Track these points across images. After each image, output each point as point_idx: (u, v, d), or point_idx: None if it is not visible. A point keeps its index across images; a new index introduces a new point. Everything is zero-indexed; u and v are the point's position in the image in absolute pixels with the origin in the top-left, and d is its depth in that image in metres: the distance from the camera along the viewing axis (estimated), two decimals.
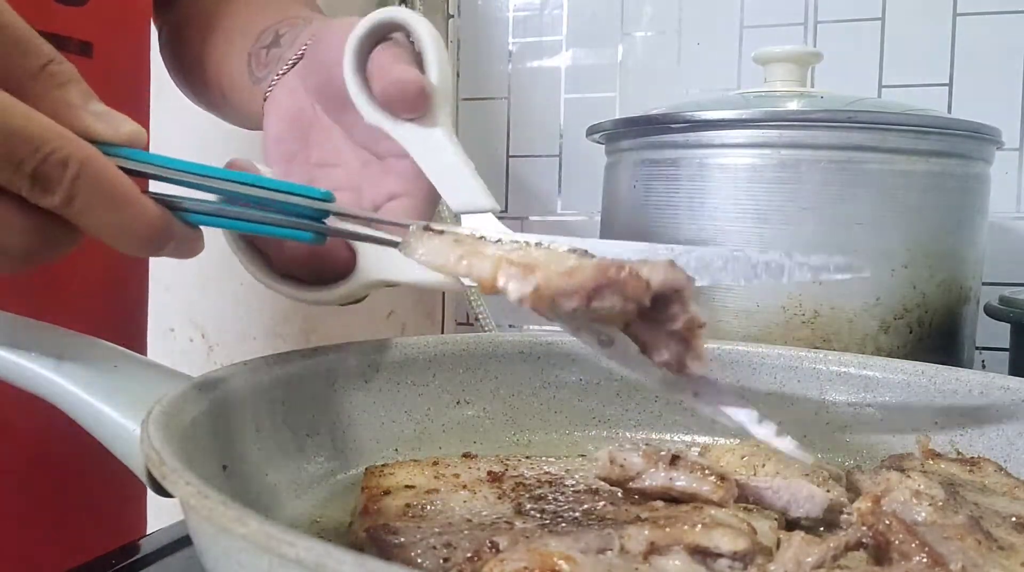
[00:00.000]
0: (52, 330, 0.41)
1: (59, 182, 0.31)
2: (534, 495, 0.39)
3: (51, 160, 0.30)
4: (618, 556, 0.30)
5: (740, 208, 0.65)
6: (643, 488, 0.36)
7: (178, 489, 0.27)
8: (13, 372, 0.39)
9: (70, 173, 0.31)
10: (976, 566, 0.30)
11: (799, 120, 0.65)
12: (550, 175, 1.08)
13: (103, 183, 0.32)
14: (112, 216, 0.32)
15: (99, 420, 0.37)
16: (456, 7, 1.11)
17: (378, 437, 0.49)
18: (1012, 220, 0.91)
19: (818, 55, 0.75)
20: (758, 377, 0.54)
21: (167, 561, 0.44)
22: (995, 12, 0.91)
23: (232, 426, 0.39)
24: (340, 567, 0.21)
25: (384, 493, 0.39)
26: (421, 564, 0.31)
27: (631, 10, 1.04)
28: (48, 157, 0.30)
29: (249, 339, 1.17)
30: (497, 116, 1.10)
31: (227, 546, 0.26)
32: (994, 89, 0.91)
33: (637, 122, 0.73)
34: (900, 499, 0.36)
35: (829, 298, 0.64)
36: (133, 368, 0.39)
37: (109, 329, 0.48)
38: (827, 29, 0.97)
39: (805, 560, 0.31)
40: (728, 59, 1.00)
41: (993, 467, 0.44)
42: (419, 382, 0.52)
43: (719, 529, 0.31)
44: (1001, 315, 0.69)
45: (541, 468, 0.43)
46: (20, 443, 0.51)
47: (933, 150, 0.65)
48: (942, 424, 0.49)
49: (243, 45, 0.56)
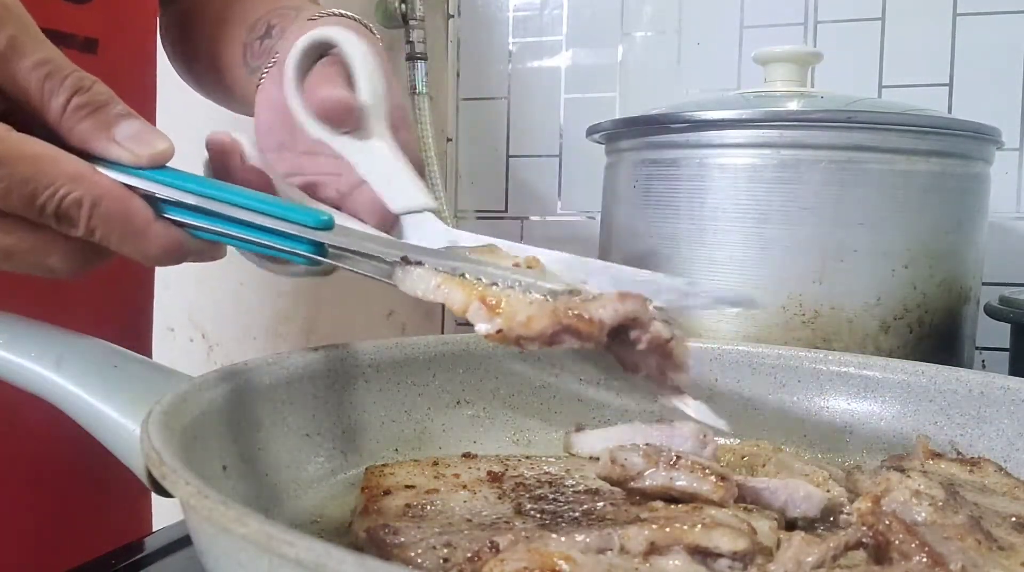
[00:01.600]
0: (52, 330, 0.41)
1: (78, 218, 0.35)
2: (534, 495, 0.39)
3: (67, 201, 0.35)
4: (618, 556, 0.30)
5: (740, 208, 0.65)
6: (644, 488, 0.36)
7: (178, 489, 0.27)
8: (13, 372, 0.39)
9: (84, 211, 0.35)
10: (976, 566, 0.30)
11: (799, 120, 0.65)
12: (550, 175, 1.08)
13: (115, 217, 0.36)
14: (128, 241, 0.37)
15: (99, 420, 0.37)
16: (456, 7, 1.11)
17: (378, 437, 0.49)
18: (1012, 220, 0.91)
19: (818, 55, 0.75)
20: (758, 377, 0.54)
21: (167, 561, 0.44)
22: (995, 12, 0.91)
23: (232, 426, 0.39)
24: (340, 567, 0.21)
25: (384, 493, 0.39)
26: (421, 564, 0.31)
27: (631, 10, 1.04)
28: (64, 199, 0.35)
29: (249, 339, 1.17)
30: (497, 116, 1.10)
31: (227, 546, 0.26)
32: (994, 89, 0.91)
33: (637, 122, 0.73)
34: (900, 499, 0.36)
35: (829, 298, 0.64)
36: (133, 368, 0.39)
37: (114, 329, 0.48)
38: (827, 29, 0.97)
39: (805, 560, 0.30)
40: (728, 59, 1.00)
41: (993, 467, 0.44)
42: (419, 382, 0.52)
43: (719, 529, 0.31)
44: (1001, 315, 0.69)
45: (541, 468, 0.43)
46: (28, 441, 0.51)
47: (933, 150, 0.65)
48: (942, 424, 0.49)
49: (239, 35, 0.57)
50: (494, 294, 0.35)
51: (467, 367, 0.53)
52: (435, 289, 0.36)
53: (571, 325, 0.33)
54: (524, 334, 0.33)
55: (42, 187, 0.34)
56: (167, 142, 0.38)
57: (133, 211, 0.36)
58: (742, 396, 0.54)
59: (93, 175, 0.36)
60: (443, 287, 0.35)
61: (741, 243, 0.65)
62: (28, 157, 0.34)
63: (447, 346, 0.53)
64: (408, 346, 0.52)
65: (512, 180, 1.10)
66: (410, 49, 1.03)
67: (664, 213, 0.69)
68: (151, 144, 0.37)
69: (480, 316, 0.34)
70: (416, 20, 1.03)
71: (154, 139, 0.37)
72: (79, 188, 0.35)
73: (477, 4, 1.10)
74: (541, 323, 0.33)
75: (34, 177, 0.34)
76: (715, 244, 0.66)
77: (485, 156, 1.10)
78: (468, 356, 0.53)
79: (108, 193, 0.36)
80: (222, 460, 0.37)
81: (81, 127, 0.36)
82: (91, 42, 0.51)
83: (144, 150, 0.37)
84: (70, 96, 0.36)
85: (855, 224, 0.64)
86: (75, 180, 0.35)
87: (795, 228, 0.64)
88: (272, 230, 0.37)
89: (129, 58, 0.56)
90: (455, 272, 0.36)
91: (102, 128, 0.36)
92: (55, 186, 0.34)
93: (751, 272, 0.65)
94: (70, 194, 0.35)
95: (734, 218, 0.65)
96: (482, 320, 0.34)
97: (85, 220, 0.35)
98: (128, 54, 0.56)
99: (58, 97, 0.35)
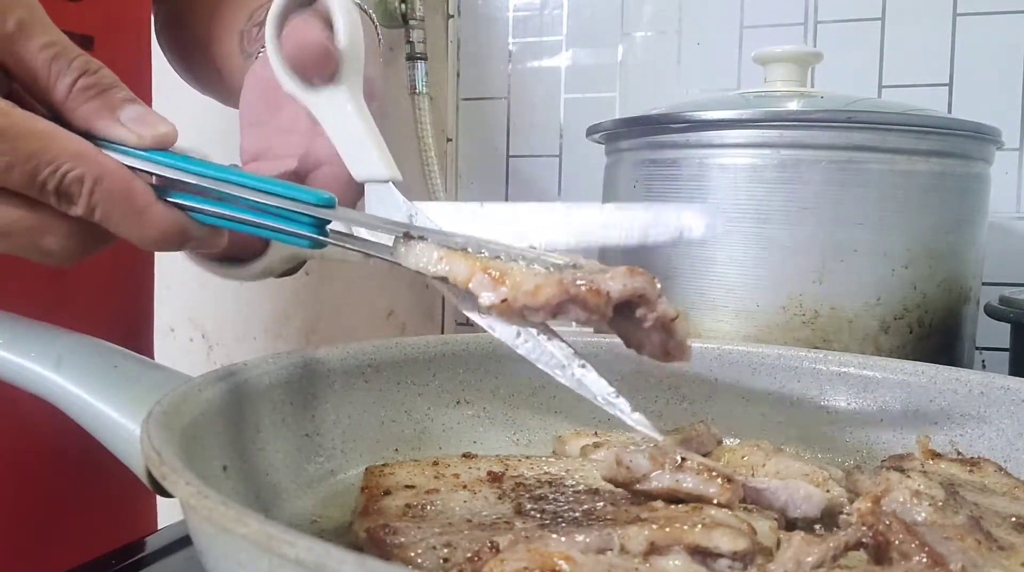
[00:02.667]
0: (52, 330, 0.41)
1: (79, 195, 0.35)
2: (534, 495, 0.39)
3: (69, 178, 0.35)
4: (618, 556, 0.30)
5: (740, 208, 0.65)
6: (649, 489, 0.36)
7: (178, 489, 0.27)
8: (13, 372, 0.39)
9: (86, 188, 0.35)
10: (976, 566, 0.30)
11: (799, 120, 0.65)
12: (550, 175, 1.08)
13: (117, 195, 0.36)
14: (129, 221, 0.36)
15: (99, 420, 0.37)
16: (456, 7, 1.11)
17: (378, 437, 0.49)
18: (1012, 220, 0.91)
19: (818, 55, 0.75)
20: (758, 377, 0.54)
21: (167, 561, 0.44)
22: (995, 12, 0.91)
23: (232, 426, 0.39)
24: (340, 567, 0.21)
25: (384, 493, 0.39)
26: (421, 564, 0.31)
27: (631, 10, 1.04)
28: (66, 175, 0.35)
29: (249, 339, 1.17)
30: (497, 116, 1.10)
31: (227, 546, 0.26)
32: (994, 89, 0.91)
33: (637, 122, 0.73)
34: (900, 499, 0.36)
35: (829, 298, 0.64)
36: (133, 368, 0.39)
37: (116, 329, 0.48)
38: (827, 29, 0.97)
39: (805, 560, 0.30)
40: (728, 59, 1.00)
41: (993, 467, 0.44)
42: (419, 382, 0.52)
43: (719, 529, 0.31)
44: (1001, 315, 0.69)
45: (541, 468, 0.43)
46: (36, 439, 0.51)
47: (933, 150, 0.65)
48: (942, 424, 0.49)
49: (236, 24, 0.58)
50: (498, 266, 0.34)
51: (467, 367, 0.53)
52: (437, 261, 0.35)
53: (578, 295, 0.33)
54: (529, 304, 0.33)
55: (44, 163, 0.34)
56: (170, 125, 0.38)
57: (135, 190, 0.36)
58: (742, 396, 0.54)
59: (96, 154, 0.36)
60: (445, 260, 0.35)
61: (741, 243, 0.65)
62: (32, 133, 0.34)
63: (447, 346, 0.53)
64: (408, 346, 0.52)
65: (512, 180, 1.10)
66: (410, 49, 1.03)
67: None
68: (154, 126, 0.37)
69: (485, 285, 0.34)
70: (416, 20, 1.03)
71: (157, 122, 0.37)
72: (82, 165, 0.35)
73: (477, 4, 1.10)
74: (548, 292, 0.33)
75: (37, 153, 0.34)
76: (715, 244, 0.66)
77: (485, 156, 1.10)
78: (468, 356, 0.53)
79: (111, 172, 0.36)
80: (222, 460, 0.37)
81: (86, 107, 0.36)
82: (87, 40, 0.52)
83: (148, 131, 0.37)
84: (77, 77, 0.36)
85: (855, 224, 0.64)
86: (78, 157, 0.35)
87: (795, 228, 0.64)
88: (274, 211, 0.37)
89: (125, 55, 0.56)
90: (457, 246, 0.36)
91: (107, 109, 0.37)
92: (58, 162, 0.34)
93: (751, 272, 0.65)
94: (72, 171, 0.35)
95: (734, 218, 0.65)
96: (487, 289, 0.33)
97: (87, 198, 0.35)
98: (124, 51, 0.56)
99: (65, 78, 0.36)
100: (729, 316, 0.65)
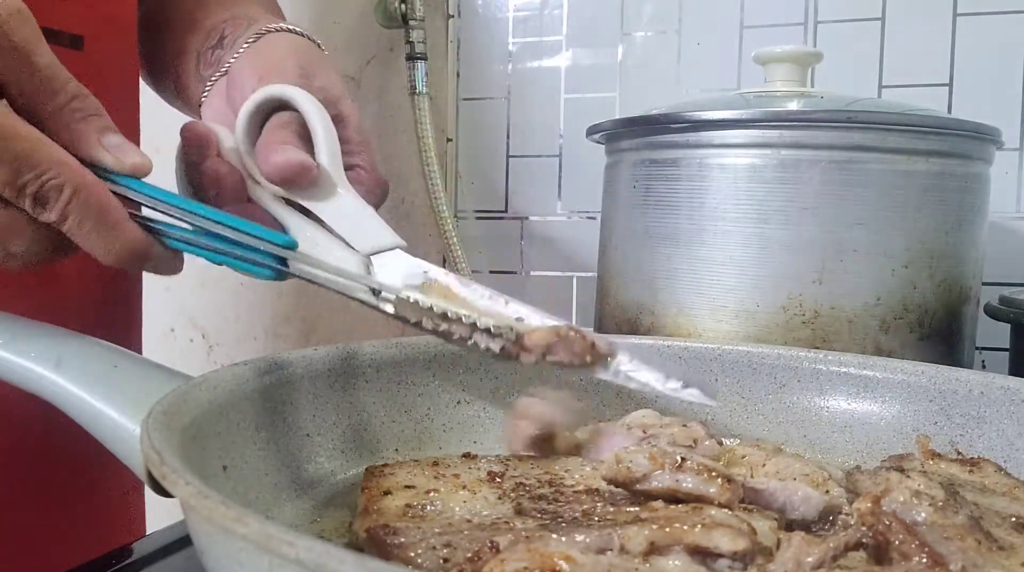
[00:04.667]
0: (52, 330, 0.41)
1: (55, 202, 0.36)
2: (534, 495, 0.39)
3: (49, 184, 0.36)
4: (618, 556, 0.30)
5: (740, 208, 0.65)
6: (649, 489, 0.36)
7: (178, 489, 0.27)
8: (13, 372, 0.39)
9: (64, 196, 0.36)
10: (976, 566, 0.30)
11: (799, 120, 0.65)
12: (550, 175, 1.08)
13: (92, 207, 0.37)
14: (98, 235, 0.38)
15: (99, 420, 0.37)
16: (456, 7, 1.11)
17: (378, 437, 0.49)
18: (1012, 220, 0.91)
19: (818, 55, 0.75)
20: (758, 377, 0.54)
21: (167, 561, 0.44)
22: (995, 12, 0.91)
23: (232, 426, 0.39)
24: (340, 567, 0.21)
25: (384, 493, 0.39)
26: (421, 564, 0.31)
27: (631, 10, 1.04)
28: (47, 182, 0.36)
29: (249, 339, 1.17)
30: (497, 116, 1.10)
31: (227, 546, 0.26)
32: (994, 89, 0.91)
33: (637, 122, 0.73)
34: (900, 499, 0.36)
35: (829, 298, 0.64)
36: (133, 368, 0.39)
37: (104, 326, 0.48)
38: (827, 29, 0.97)
39: (805, 560, 0.31)
40: (728, 59, 1.00)
41: (993, 467, 0.44)
42: (419, 382, 0.52)
43: (719, 529, 0.31)
44: (1001, 315, 0.69)
45: (541, 468, 0.43)
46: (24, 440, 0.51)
47: (933, 150, 0.65)
48: (942, 424, 0.49)
49: (194, 42, 0.58)
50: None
51: (467, 367, 0.53)
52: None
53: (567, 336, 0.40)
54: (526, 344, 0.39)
55: (28, 166, 0.35)
56: (147, 158, 0.40)
57: (110, 205, 0.38)
58: (742, 396, 0.54)
59: (78, 166, 0.37)
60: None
61: (741, 243, 0.65)
62: (20, 136, 0.36)
63: (447, 346, 0.53)
64: (408, 346, 0.52)
65: (512, 180, 1.10)
66: (410, 49, 1.03)
67: (664, 213, 0.69)
68: (133, 156, 0.39)
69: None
70: (416, 20, 1.03)
71: (136, 152, 0.40)
72: (64, 174, 0.36)
73: (477, 4, 1.10)
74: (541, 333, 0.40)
75: (23, 155, 0.35)
76: (715, 244, 0.66)
77: (485, 156, 1.10)
78: (468, 356, 0.53)
79: (90, 184, 0.37)
80: (222, 460, 0.37)
81: (74, 127, 0.38)
82: (77, 39, 0.52)
83: (127, 159, 0.39)
84: (70, 99, 0.38)
85: (855, 224, 0.64)
86: (61, 166, 0.36)
87: (795, 228, 0.64)
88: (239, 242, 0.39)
89: (114, 55, 0.57)
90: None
91: (94, 132, 0.38)
92: (41, 168, 0.36)
93: (751, 272, 0.65)
94: (54, 178, 0.36)
95: (734, 218, 0.65)
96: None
97: (62, 205, 0.36)
98: (113, 51, 0.56)
99: (59, 97, 0.37)
100: (729, 316, 0.65)
